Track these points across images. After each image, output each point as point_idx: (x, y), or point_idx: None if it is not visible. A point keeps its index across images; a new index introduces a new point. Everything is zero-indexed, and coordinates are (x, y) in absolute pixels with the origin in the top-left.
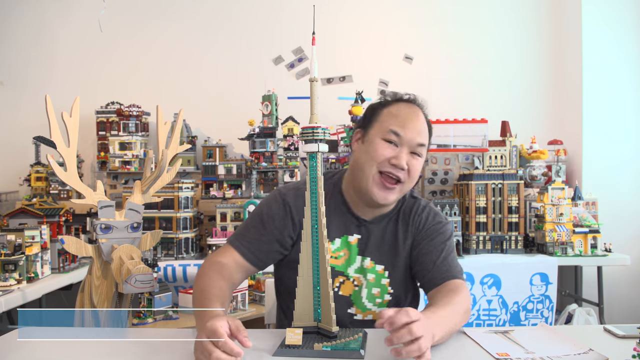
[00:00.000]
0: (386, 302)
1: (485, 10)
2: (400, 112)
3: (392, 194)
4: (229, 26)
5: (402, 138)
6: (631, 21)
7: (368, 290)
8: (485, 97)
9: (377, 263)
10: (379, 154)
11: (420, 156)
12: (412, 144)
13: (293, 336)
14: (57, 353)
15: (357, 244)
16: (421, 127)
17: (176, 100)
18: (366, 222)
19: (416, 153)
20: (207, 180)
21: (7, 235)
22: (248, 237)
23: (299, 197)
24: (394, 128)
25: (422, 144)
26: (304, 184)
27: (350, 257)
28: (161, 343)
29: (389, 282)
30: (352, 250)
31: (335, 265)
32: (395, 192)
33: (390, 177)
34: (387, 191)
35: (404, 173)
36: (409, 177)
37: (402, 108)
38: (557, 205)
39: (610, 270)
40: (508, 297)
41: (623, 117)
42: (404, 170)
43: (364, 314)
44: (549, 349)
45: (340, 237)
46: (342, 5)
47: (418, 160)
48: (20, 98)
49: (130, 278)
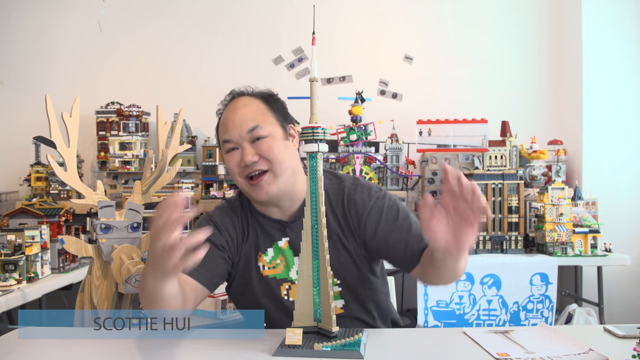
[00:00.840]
0: (337, 293)
1: (485, 10)
2: (223, 119)
3: (266, 185)
4: (229, 26)
5: (232, 140)
6: (631, 21)
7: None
8: (485, 97)
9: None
10: (232, 167)
11: (264, 136)
12: (244, 136)
13: (293, 336)
14: (57, 353)
15: (289, 247)
16: (243, 115)
17: (176, 100)
18: (288, 223)
19: (258, 137)
20: (207, 180)
21: (7, 235)
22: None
23: (224, 214)
24: (222, 138)
25: (252, 127)
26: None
27: (287, 262)
28: (161, 342)
29: (333, 274)
30: (286, 255)
31: (276, 274)
32: (268, 182)
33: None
34: (258, 186)
35: (259, 162)
36: (270, 161)
37: (224, 114)
38: (557, 205)
39: (610, 270)
40: (508, 297)
41: (623, 117)
42: (257, 161)
43: None
44: (549, 349)
45: (271, 245)
46: (342, 5)
47: (265, 142)
48: (20, 98)
49: (130, 278)
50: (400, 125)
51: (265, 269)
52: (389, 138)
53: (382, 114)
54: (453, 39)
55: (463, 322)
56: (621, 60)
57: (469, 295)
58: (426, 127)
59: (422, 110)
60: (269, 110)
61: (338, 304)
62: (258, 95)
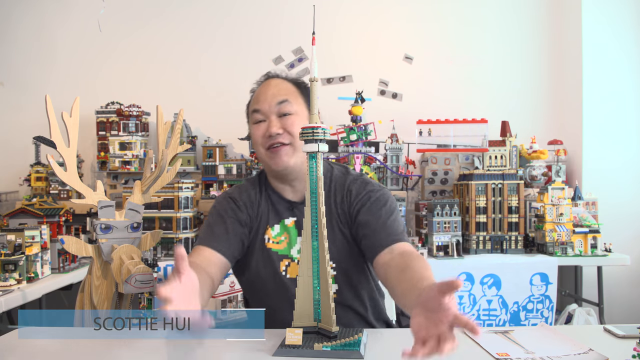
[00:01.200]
0: (333, 276)
1: (485, 10)
2: (256, 93)
3: (284, 156)
4: (229, 26)
5: (262, 111)
6: (632, 21)
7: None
8: (485, 97)
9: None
10: (257, 136)
11: (291, 113)
12: (273, 108)
13: (293, 336)
14: (57, 353)
15: (295, 226)
16: (275, 90)
17: (176, 100)
18: (297, 204)
19: (285, 113)
20: (207, 180)
21: (7, 235)
22: (212, 230)
23: (242, 191)
24: (252, 107)
25: (281, 100)
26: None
27: (291, 240)
28: (161, 342)
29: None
30: (291, 233)
31: (278, 249)
32: (287, 153)
33: (274, 146)
34: (278, 156)
35: (283, 136)
36: (292, 136)
37: (257, 89)
38: (557, 205)
39: (610, 270)
40: (508, 297)
41: (623, 116)
42: (281, 134)
43: None
44: (549, 349)
45: (279, 222)
46: (342, 5)
47: (290, 118)
48: (20, 98)
49: (130, 278)
50: (400, 125)
51: (270, 242)
52: (389, 138)
53: (382, 114)
54: (453, 39)
55: None
56: (621, 60)
57: (469, 295)
58: (426, 127)
59: (422, 110)
60: (299, 93)
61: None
62: (290, 80)
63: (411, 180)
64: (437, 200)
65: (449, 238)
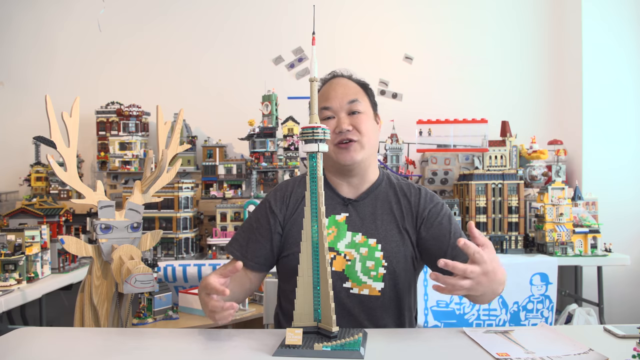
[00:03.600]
0: (381, 275)
1: (485, 10)
2: (323, 90)
3: (353, 152)
4: (229, 26)
5: (332, 108)
6: (631, 21)
7: (362, 264)
8: (485, 97)
9: (369, 237)
10: None
11: (360, 112)
12: (343, 106)
13: (293, 336)
14: (57, 353)
15: (345, 221)
16: (345, 89)
17: (176, 100)
18: (352, 201)
19: (354, 111)
20: (207, 180)
21: (7, 235)
22: (239, 240)
23: (277, 191)
24: (322, 105)
25: (352, 100)
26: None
27: (339, 234)
28: (162, 343)
29: (382, 255)
30: (340, 228)
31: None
32: (355, 149)
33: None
34: (346, 151)
35: (352, 133)
36: (360, 134)
37: (325, 87)
38: (557, 205)
39: (610, 270)
40: (508, 297)
41: (623, 116)
42: (351, 131)
43: (360, 287)
44: (549, 349)
45: (328, 217)
46: (342, 5)
47: (360, 117)
48: (20, 98)
49: (130, 278)
50: (400, 125)
51: None
52: (389, 138)
53: (382, 114)
54: (453, 39)
55: (463, 322)
56: (621, 60)
57: None
58: (426, 127)
59: (422, 110)
60: (364, 94)
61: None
62: (356, 80)
63: (411, 180)
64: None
65: None
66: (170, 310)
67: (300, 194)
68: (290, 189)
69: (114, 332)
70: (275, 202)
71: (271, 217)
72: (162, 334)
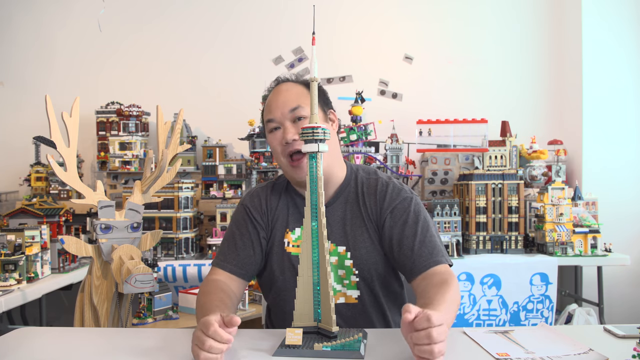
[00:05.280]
0: (354, 282)
1: (485, 9)
2: (268, 101)
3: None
4: (229, 26)
5: (275, 120)
6: (632, 21)
7: (334, 273)
8: (485, 97)
9: (338, 244)
10: (274, 146)
11: (305, 117)
12: (286, 115)
13: (293, 336)
14: (57, 353)
15: None
16: (286, 96)
17: (176, 100)
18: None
19: (299, 117)
20: (207, 180)
21: (7, 235)
22: (224, 251)
23: (253, 196)
24: (266, 118)
25: (294, 107)
26: (257, 186)
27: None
28: (161, 343)
29: (352, 264)
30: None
31: (298, 253)
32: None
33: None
34: (299, 167)
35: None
36: None
37: (269, 97)
38: (557, 205)
39: (610, 270)
40: (508, 297)
41: (623, 116)
42: (297, 139)
43: (335, 297)
44: (549, 349)
45: (299, 226)
46: (342, 5)
47: (304, 122)
48: (20, 98)
49: (130, 278)
50: (400, 125)
51: (290, 246)
52: (389, 138)
53: (382, 114)
54: (453, 39)
55: (463, 322)
56: (621, 60)
57: (469, 295)
58: (426, 127)
59: (422, 110)
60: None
61: (353, 294)
62: (300, 82)
63: (411, 180)
64: (437, 200)
65: (449, 238)
66: (170, 310)
67: (274, 204)
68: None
69: (114, 332)
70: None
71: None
72: (162, 334)
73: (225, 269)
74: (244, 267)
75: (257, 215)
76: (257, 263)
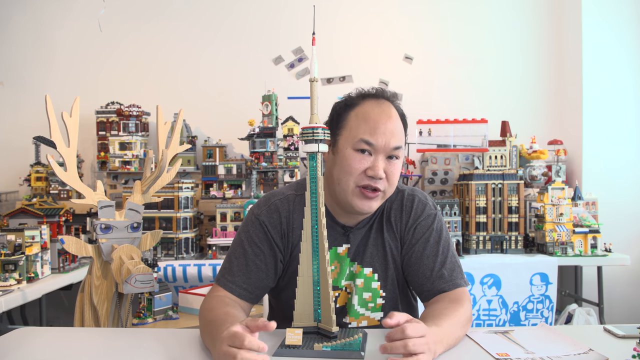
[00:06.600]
0: (379, 305)
1: (485, 9)
2: (369, 115)
3: (374, 202)
4: (229, 26)
5: (374, 146)
6: (632, 21)
7: (359, 296)
8: (485, 97)
9: (365, 266)
10: (354, 168)
11: (398, 158)
12: (387, 149)
13: (293, 336)
14: (57, 353)
15: (347, 254)
16: (394, 128)
17: (176, 100)
18: (352, 229)
19: (393, 156)
20: (207, 180)
21: (7, 235)
22: (233, 270)
23: (272, 211)
24: (364, 137)
25: (397, 147)
26: (274, 195)
27: (342, 269)
28: (161, 343)
29: (380, 286)
30: (342, 262)
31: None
32: (378, 200)
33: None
34: (369, 201)
35: (383, 181)
36: (389, 184)
37: (370, 108)
38: (557, 205)
39: (610, 270)
40: (508, 297)
41: (623, 116)
42: (382, 179)
43: (358, 320)
44: (549, 349)
45: (330, 249)
46: (342, 5)
47: (396, 165)
48: (20, 98)
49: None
50: None
51: None
52: None
53: None
54: (453, 39)
55: None
56: (621, 60)
57: None
58: (426, 127)
59: (422, 110)
60: (404, 133)
61: (376, 316)
62: (399, 112)
63: (411, 180)
64: (437, 200)
65: None
66: (170, 310)
67: (296, 222)
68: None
69: (114, 332)
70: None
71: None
72: (162, 334)
73: (234, 292)
74: (254, 292)
75: (276, 235)
76: (268, 287)
